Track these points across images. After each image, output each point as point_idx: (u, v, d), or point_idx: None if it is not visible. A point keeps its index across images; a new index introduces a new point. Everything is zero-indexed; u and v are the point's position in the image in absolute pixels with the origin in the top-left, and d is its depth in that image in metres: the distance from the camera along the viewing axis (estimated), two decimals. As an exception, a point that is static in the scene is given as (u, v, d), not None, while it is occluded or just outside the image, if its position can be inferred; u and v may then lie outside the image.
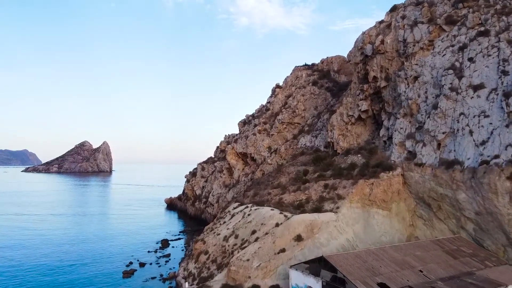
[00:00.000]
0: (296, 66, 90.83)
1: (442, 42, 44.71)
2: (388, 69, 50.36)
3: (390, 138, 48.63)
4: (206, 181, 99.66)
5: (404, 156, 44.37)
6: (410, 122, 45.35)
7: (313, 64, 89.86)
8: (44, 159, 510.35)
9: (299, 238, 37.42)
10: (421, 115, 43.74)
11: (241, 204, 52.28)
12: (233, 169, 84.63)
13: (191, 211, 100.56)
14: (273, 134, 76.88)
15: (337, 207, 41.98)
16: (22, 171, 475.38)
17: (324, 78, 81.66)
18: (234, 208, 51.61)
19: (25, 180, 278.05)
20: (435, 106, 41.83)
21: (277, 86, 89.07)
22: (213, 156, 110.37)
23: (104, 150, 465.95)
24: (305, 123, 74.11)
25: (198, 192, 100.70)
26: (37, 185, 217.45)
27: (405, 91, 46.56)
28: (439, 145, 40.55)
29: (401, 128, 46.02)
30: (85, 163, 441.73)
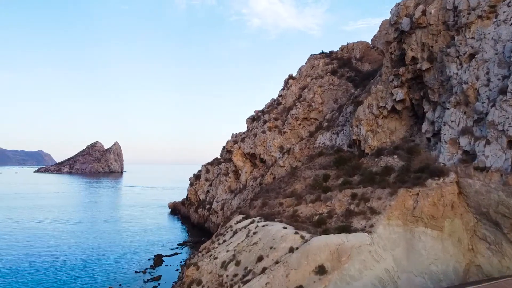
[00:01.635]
0: (311, 55, 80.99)
1: (508, 7, 34.34)
2: (432, 46, 40.24)
3: (436, 134, 38.63)
4: (210, 185, 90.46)
5: (459, 157, 34.28)
6: (465, 113, 35.19)
7: (331, 52, 79.84)
8: (59, 160, 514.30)
9: (322, 270, 27.81)
10: (482, 103, 33.58)
11: (246, 217, 42.83)
12: (239, 172, 75.19)
13: (194, 218, 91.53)
14: (285, 132, 67.16)
15: (371, 225, 32.20)
16: (34, 172, 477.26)
17: (345, 67, 71.64)
18: (238, 222, 42.14)
19: (34, 181, 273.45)
20: (502, 91, 31.69)
21: (290, 77, 79.29)
22: (219, 157, 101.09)
23: (115, 151, 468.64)
24: (323, 118, 64.21)
25: (202, 197, 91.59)
26: (42, 186, 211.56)
27: (457, 73, 36.40)
28: (510, 142, 30.36)
29: (452, 121, 35.89)
30: (96, 164, 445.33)
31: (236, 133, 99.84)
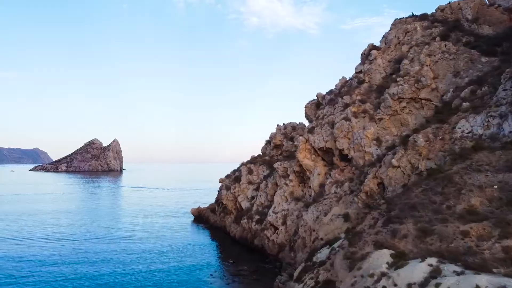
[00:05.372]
0: (396, 19, 63.36)
1: None
2: None
3: None
4: (256, 189, 73.05)
5: None
6: None
7: (425, 15, 62.14)
8: (55, 158, 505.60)
9: None
10: None
11: (400, 256, 25.57)
12: (307, 173, 57.68)
13: (234, 231, 74.08)
14: (381, 118, 49.77)
15: None
16: (30, 170, 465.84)
17: (455, 31, 54.02)
18: (390, 267, 24.88)
19: (28, 181, 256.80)
20: None
21: (373, 47, 61.71)
22: (261, 153, 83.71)
23: (114, 148, 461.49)
24: (440, 98, 46.68)
25: (244, 204, 74.14)
26: (36, 187, 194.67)
27: None
28: None
29: None
30: (95, 162, 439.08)
31: (284, 123, 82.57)
